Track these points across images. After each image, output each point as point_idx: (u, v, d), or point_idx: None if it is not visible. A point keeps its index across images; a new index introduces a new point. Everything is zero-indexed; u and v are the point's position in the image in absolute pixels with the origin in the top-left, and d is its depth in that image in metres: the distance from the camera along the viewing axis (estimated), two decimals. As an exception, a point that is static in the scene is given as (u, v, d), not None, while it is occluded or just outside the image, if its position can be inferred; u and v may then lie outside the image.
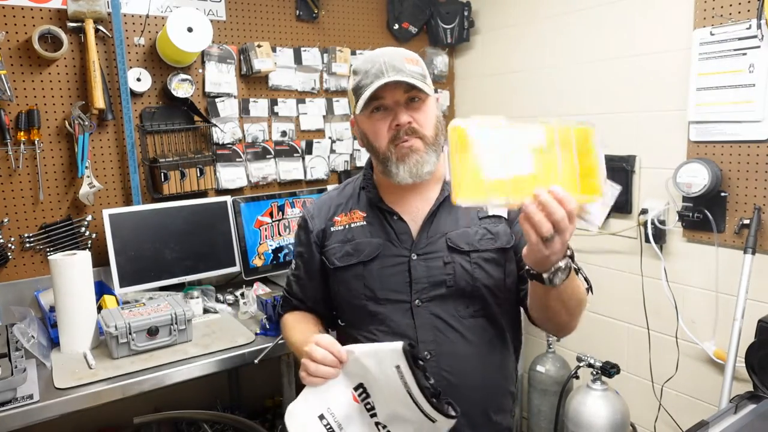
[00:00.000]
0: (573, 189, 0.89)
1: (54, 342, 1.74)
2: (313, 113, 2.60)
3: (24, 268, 2.01)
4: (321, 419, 1.07)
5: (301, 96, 2.57)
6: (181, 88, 2.21)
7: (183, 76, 2.22)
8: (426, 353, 1.18)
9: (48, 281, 1.81)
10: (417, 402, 1.01)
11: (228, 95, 2.37)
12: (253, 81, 2.44)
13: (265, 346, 1.71)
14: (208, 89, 2.32)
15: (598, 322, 2.41)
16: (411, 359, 1.01)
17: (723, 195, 1.92)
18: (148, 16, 2.16)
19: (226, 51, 2.34)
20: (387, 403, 1.06)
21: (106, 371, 1.56)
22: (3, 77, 1.86)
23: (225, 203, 2.23)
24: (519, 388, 2.62)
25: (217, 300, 2.11)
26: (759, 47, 1.78)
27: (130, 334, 1.63)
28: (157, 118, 2.22)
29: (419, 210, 1.25)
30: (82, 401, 1.47)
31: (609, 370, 2.07)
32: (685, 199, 2.01)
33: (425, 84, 1.17)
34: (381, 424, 1.08)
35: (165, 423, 2.21)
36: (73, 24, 1.99)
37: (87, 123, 2.02)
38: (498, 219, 1.23)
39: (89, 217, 2.09)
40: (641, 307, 2.22)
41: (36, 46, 1.93)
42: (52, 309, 1.76)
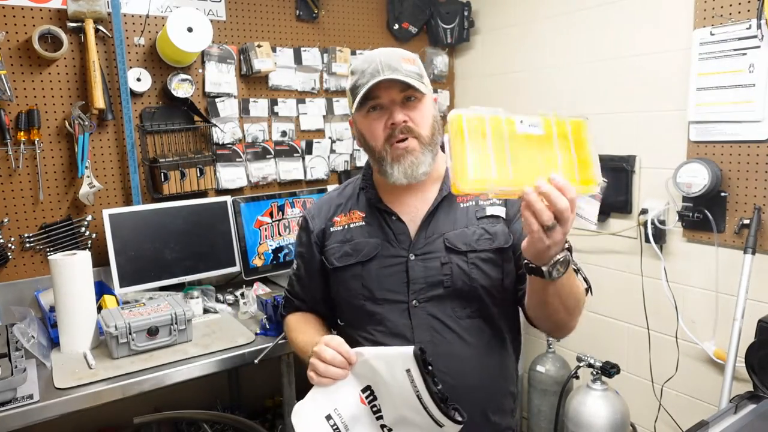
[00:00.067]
0: (572, 179, 0.90)
1: (54, 342, 1.74)
2: (313, 113, 2.60)
3: (24, 268, 2.01)
4: (328, 419, 1.07)
5: (301, 96, 2.57)
6: (181, 88, 2.21)
7: (183, 76, 2.22)
8: None
9: (48, 281, 1.81)
10: (426, 406, 1.02)
11: (228, 95, 2.37)
12: (253, 81, 2.44)
13: (265, 346, 1.71)
14: (208, 89, 2.32)
15: (598, 322, 2.41)
16: (422, 364, 1.01)
17: (723, 195, 1.92)
18: (148, 16, 2.16)
19: (226, 51, 2.34)
20: (394, 407, 1.06)
21: (106, 371, 1.56)
22: (3, 77, 1.86)
23: (225, 203, 2.23)
24: (519, 388, 2.61)
25: (217, 300, 2.11)
26: (759, 47, 1.79)
27: (130, 334, 1.63)
28: (157, 118, 2.22)
29: (418, 210, 1.25)
30: (82, 401, 1.47)
31: (609, 370, 2.07)
32: (685, 199, 2.01)
33: (421, 83, 1.17)
34: (387, 426, 1.08)
35: (165, 423, 2.21)
36: (73, 24, 1.99)
37: (87, 123, 2.02)
38: (496, 219, 1.23)
39: (89, 217, 2.10)
40: (641, 307, 2.22)
41: (36, 46, 1.93)
42: (52, 309, 1.76)
